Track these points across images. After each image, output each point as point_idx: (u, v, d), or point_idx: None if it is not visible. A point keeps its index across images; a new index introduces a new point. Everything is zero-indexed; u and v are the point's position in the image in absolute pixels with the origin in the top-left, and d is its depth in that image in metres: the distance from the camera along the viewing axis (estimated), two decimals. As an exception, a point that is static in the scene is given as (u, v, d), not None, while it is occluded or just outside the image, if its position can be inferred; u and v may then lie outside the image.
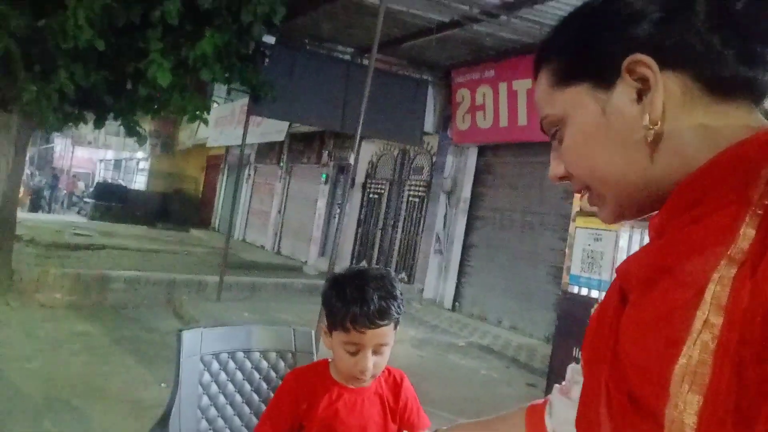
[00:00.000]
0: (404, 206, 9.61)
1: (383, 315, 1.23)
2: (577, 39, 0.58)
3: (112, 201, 17.24)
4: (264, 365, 1.78)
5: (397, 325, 1.29)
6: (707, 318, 0.43)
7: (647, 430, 0.46)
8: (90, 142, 24.94)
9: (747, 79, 0.52)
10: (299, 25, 7.29)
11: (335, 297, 1.25)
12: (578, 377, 0.76)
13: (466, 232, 8.30)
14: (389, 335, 1.26)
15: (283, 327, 1.87)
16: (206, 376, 1.67)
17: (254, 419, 1.72)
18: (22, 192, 17.16)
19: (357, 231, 10.69)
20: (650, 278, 0.50)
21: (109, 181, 23.27)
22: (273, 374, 1.78)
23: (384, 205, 10.13)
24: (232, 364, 1.73)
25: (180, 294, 6.86)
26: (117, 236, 11.61)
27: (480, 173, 8.26)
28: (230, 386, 1.72)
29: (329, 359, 1.35)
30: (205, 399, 1.67)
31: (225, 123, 13.28)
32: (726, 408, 0.41)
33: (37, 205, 18.54)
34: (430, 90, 8.46)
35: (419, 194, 9.27)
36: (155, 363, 4.56)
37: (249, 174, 15.25)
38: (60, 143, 27.49)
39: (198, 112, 6.19)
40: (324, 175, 11.53)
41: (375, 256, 10.00)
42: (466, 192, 8.30)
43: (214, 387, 1.69)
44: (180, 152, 19.68)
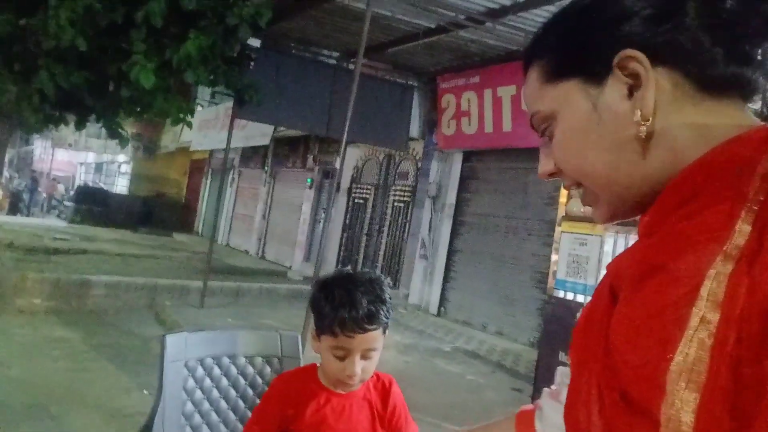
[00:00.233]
0: (389, 211, 9.61)
1: (372, 319, 1.21)
2: (569, 35, 0.58)
3: (93, 205, 16.99)
4: (250, 370, 1.75)
5: (386, 330, 1.27)
6: (703, 315, 0.42)
7: (640, 428, 0.45)
8: (70, 145, 24.64)
9: (736, 77, 0.52)
10: (285, 29, 7.28)
11: (323, 301, 1.24)
12: (567, 380, 0.75)
13: (451, 238, 8.32)
14: (378, 340, 1.25)
15: (270, 332, 1.84)
16: (190, 382, 1.64)
17: (240, 425, 1.69)
18: (1, 195, 16.94)
19: (342, 236, 10.66)
20: (642, 275, 0.49)
21: (90, 185, 22.96)
22: (259, 380, 1.76)
23: (369, 210, 10.13)
24: (217, 370, 1.70)
25: (162, 299, 6.77)
26: (98, 240, 11.44)
27: (465, 179, 8.30)
28: (215, 392, 1.69)
29: (317, 364, 1.34)
30: (190, 405, 1.63)
31: (209, 126, 13.20)
32: (723, 406, 0.41)
33: (16, 209, 18.22)
34: (416, 95, 8.49)
35: (404, 199, 9.28)
36: (137, 369, 4.49)
37: (233, 178, 15.15)
38: (40, 145, 27.08)
39: (181, 115, 6.14)
40: (309, 180, 11.50)
41: (360, 261, 9.98)
42: (451, 197, 8.32)
43: (199, 393, 1.66)
44: (163, 156, 19.51)
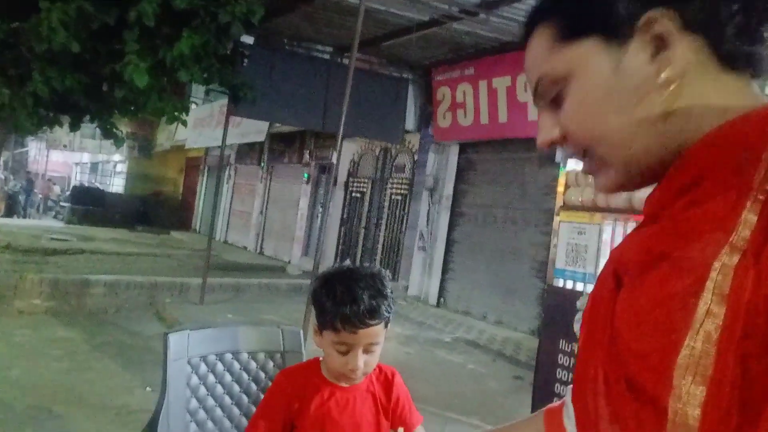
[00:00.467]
0: (387, 204, 9.62)
1: (373, 314, 1.22)
2: None
3: (89, 205, 16.97)
4: (253, 366, 1.77)
5: (388, 324, 1.28)
6: (709, 307, 0.42)
7: (646, 416, 0.45)
8: (65, 146, 24.57)
9: (747, 54, 0.52)
10: (278, 25, 7.25)
11: (325, 297, 1.24)
12: None
13: (449, 229, 8.34)
14: (380, 334, 1.25)
15: (271, 327, 1.85)
16: (194, 379, 1.65)
17: (244, 421, 1.70)
18: (-3, 197, 16.92)
19: (340, 230, 10.67)
20: (646, 262, 0.49)
21: (86, 185, 22.89)
22: (262, 375, 1.77)
23: (367, 204, 10.13)
24: (221, 366, 1.72)
25: (162, 297, 6.78)
26: (95, 240, 11.43)
27: (462, 170, 8.30)
28: (219, 388, 1.70)
29: (320, 358, 1.35)
30: (194, 402, 1.65)
31: (204, 124, 13.16)
32: (730, 400, 0.40)
33: (12, 210, 18.19)
34: (411, 88, 8.48)
35: (402, 192, 9.29)
36: (139, 367, 4.51)
37: (229, 175, 15.13)
38: (34, 147, 26.97)
39: (176, 114, 6.13)
40: (306, 175, 11.49)
41: (359, 255, 10.00)
42: (449, 189, 8.34)
43: (203, 389, 1.67)
44: (158, 154, 19.45)
